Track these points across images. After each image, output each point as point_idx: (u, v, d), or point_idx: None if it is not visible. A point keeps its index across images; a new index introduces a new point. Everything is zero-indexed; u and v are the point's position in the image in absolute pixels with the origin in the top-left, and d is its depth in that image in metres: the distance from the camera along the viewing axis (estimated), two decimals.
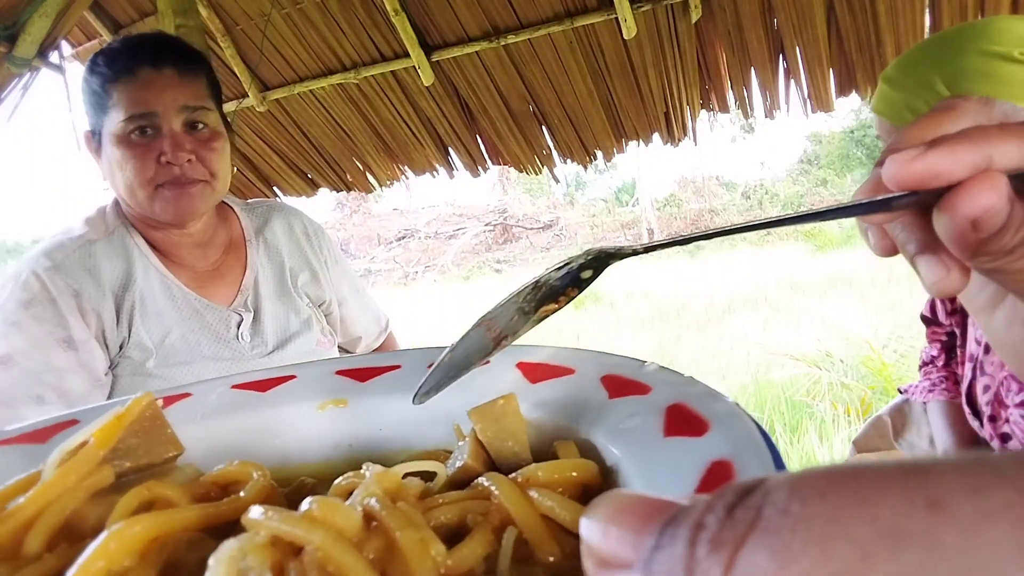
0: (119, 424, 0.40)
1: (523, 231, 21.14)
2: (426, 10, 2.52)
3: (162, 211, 1.07)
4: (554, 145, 2.75)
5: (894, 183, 0.33)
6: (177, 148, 1.04)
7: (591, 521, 0.17)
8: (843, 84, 2.27)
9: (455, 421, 0.45)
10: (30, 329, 1.01)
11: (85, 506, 0.36)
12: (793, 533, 0.13)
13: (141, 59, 1.05)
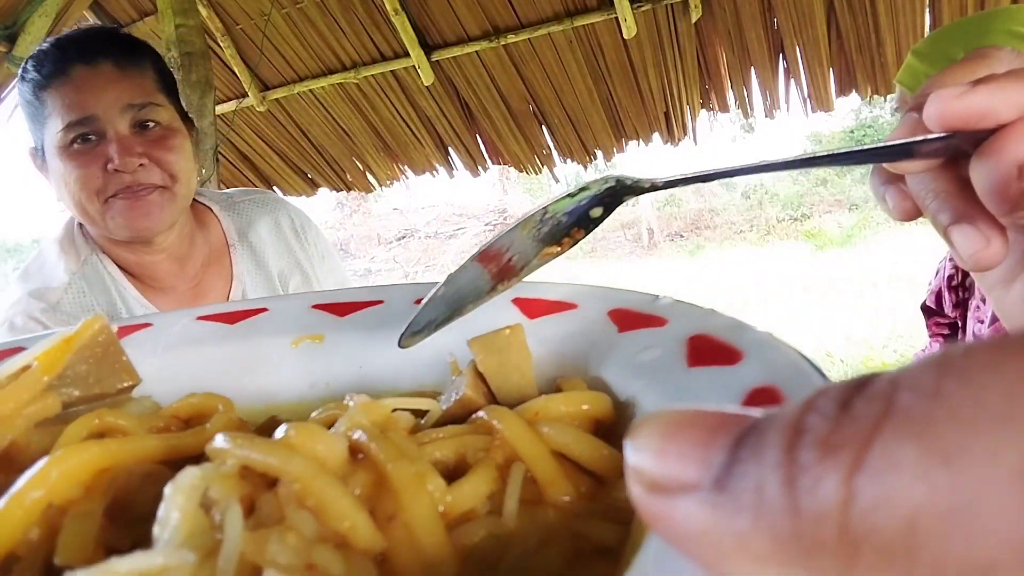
0: (67, 347, 0.35)
1: None
2: (426, 10, 2.52)
3: (118, 227, 0.93)
4: (554, 145, 2.75)
5: (938, 122, 0.30)
6: (125, 153, 0.90)
7: (640, 440, 0.14)
8: (843, 84, 2.27)
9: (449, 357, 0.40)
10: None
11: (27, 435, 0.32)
12: (955, 418, 0.10)
13: (71, 57, 0.91)
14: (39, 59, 0.94)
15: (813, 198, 19.22)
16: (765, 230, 17.45)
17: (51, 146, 0.92)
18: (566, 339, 0.38)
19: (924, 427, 0.10)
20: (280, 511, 0.23)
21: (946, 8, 2.01)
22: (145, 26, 2.83)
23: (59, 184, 0.94)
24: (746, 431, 0.12)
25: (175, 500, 0.23)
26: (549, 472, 0.29)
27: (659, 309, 0.35)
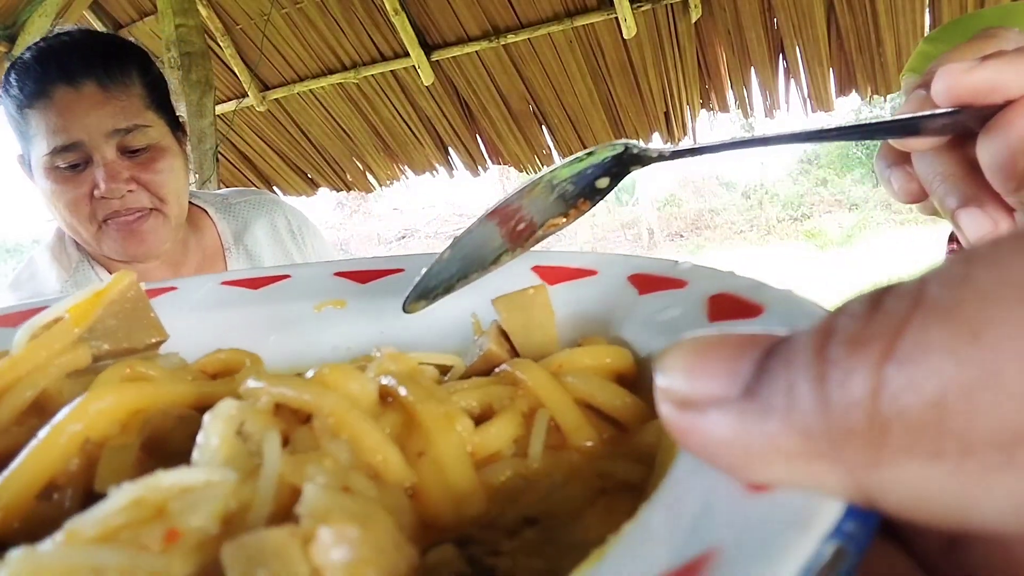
0: (97, 301, 0.36)
1: None
2: (426, 10, 2.52)
3: (112, 251, 0.92)
4: (554, 145, 2.75)
5: (946, 96, 0.30)
6: (112, 179, 0.87)
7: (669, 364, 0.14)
8: (843, 84, 2.27)
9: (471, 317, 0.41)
10: None
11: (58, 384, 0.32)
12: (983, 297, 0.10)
13: (53, 76, 0.87)
14: (20, 74, 0.90)
15: (813, 198, 19.22)
16: (765, 230, 17.46)
17: (38, 165, 0.89)
18: (586, 302, 0.38)
19: (953, 310, 0.10)
20: (315, 441, 0.25)
21: (946, 8, 2.01)
22: (145, 26, 2.83)
23: (48, 201, 0.92)
24: (776, 343, 0.13)
25: (214, 426, 0.24)
26: (573, 418, 0.29)
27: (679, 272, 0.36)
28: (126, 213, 0.89)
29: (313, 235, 1.18)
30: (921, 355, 0.10)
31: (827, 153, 22.07)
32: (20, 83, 0.89)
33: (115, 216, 0.89)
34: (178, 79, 2.17)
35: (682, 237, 19.24)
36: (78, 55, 0.89)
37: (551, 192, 0.37)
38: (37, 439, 0.26)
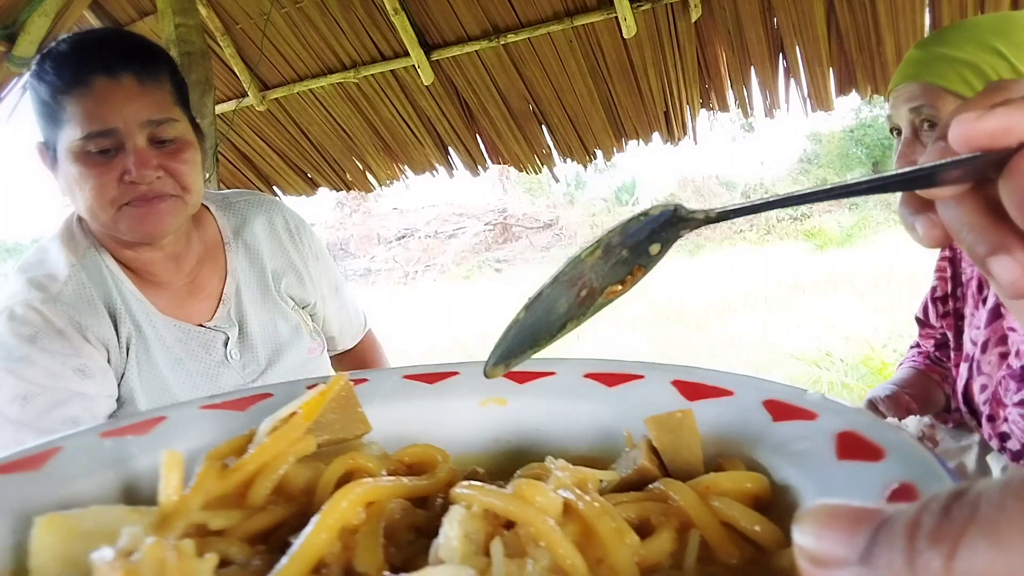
0: (322, 400, 0.45)
1: (523, 231, 21.12)
2: (426, 9, 2.51)
3: (129, 230, 0.96)
4: (554, 144, 2.75)
5: (963, 142, 0.31)
6: (142, 166, 0.92)
7: (803, 526, 0.20)
8: (843, 83, 2.27)
9: (624, 428, 0.47)
10: (41, 361, 0.93)
11: (294, 469, 0.42)
12: (1011, 524, 0.16)
13: (94, 66, 0.92)
14: (58, 62, 0.94)
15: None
16: (765, 230, 17.45)
17: (66, 149, 0.94)
18: (725, 423, 0.44)
19: (992, 528, 0.16)
20: (521, 547, 0.32)
21: (946, 8, 2.01)
22: (145, 25, 2.83)
23: (70, 185, 0.96)
24: (882, 523, 0.18)
25: (451, 529, 0.32)
26: (719, 538, 0.35)
27: (809, 403, 0.41)
28: (151, 195, 0.95)
29: (310, 236, 1.22)
30: (973, 557, 0.16)
31: (827, 153, 22.07)
32: (57, 70, 0.93)
33: (140, 198, 0.94)
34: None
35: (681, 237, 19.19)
36: (117, 49, 0.95)
37: (608, 259, 0.39)
38: (310, 528, 0.34)
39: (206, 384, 1.06)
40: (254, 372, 1.12)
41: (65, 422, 0.93)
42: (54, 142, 0.96)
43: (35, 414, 0.93)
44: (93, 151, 0.92)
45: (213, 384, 1.07)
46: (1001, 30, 0.98)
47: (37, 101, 0.96)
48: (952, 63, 0.99)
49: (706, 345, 5.86)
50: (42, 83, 0.95)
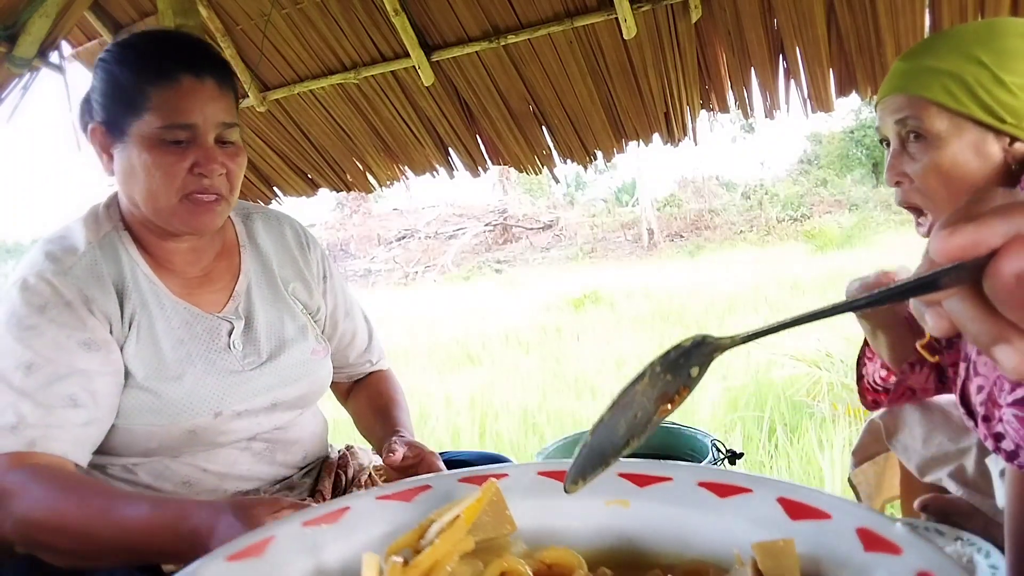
0: (480, 504, 0.54)
1: (523, 231, 21.14)
2: (426, 10, 2.52)
3: (181, 222, 1.05)
4: (554, 145, 2.75)
5: (941, 255, 0.37)
6: (212, 161, 1.02)
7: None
8: (843, 84, 2.27)
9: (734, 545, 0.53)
10: (48, 332, 0.98)
11: (457, 566, 0.51)
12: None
13: (182, 64, 1.02)
14: (143, 52, 1.03)
15: (813, 198, 19.23)
16: (765, 231, 17.47)
17: (141, 134, 1.01)
18: (821, 547, 0.49)
19: None
20: None
21: (946, 8, 2.01)
22: (145, 26, 2.83)
23: (133, 167, 1.02)
24: None
25: None
26: None
27: (897, 537, 0.46)
28: (210, 192, 1.04)
29: (319, 254, 1.30)
30: None
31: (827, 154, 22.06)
32: (142, 61, 1.02)
33: (201, 192, 1.03)
34: None
35: (682, 237, 19.22)
36: (202, 54, 1.06)
37: (655, 384, 0.45)
38: None
39: (203, 366, 1.09)
40: (253, 363, 1.14)
41: (63, 399, 0.97)
42: (124, 125, 1.02)
43: (37, 385, 0.96)
44: (168, 140, 1.00)
45: (211, 367, 1.09)
46: (983, 40, 0.99)
47: (113, 85, 1.03)
48: (935, 74, 1.00)
49: None
50: (124, 69, 1.02)
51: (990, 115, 0.98)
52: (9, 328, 0.98)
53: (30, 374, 0.96)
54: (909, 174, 1.04)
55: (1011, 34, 0.98)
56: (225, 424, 1.09)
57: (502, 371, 5.99)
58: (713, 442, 1.34)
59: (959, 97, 0.98)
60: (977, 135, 0.99)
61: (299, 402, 1.20)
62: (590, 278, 11.79)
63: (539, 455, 1.43)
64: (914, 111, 1.02)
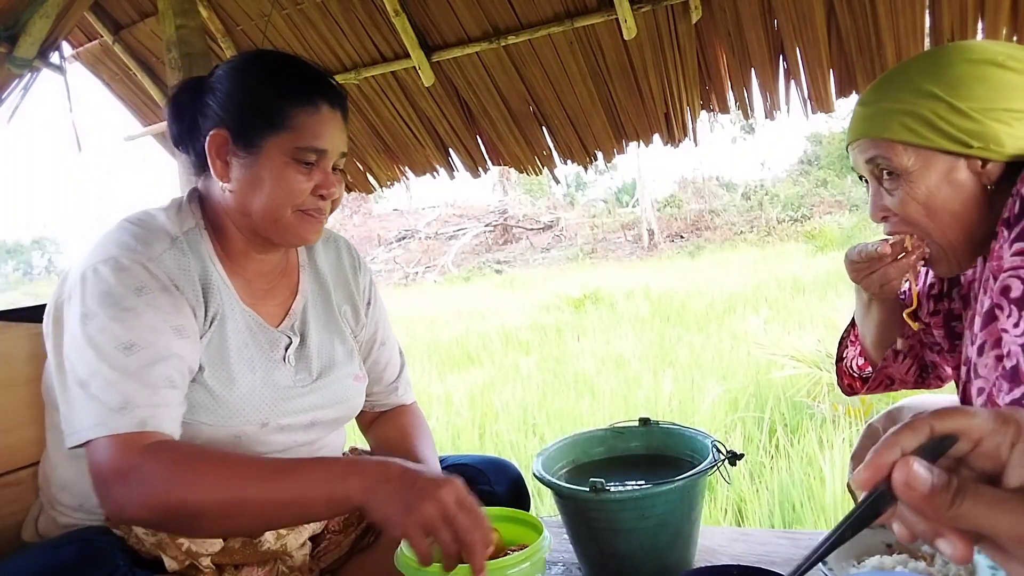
0: None
1: (523, 231, 21.14)
2: (426, 11, 2.52)
3: (292, 234, 1.11)
4: (554, 145, 2.75)
5: (861, 487, 0.50)
6: (332, 185, 1.11)
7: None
8: (843, 85, 2.27)
9: None
10: (146, 315, 1.00)
11: None
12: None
13: (323, 93, 1.09)
14: (285, 73, 1.10)
15: (813, 199, 19.22)
16: (765, 231, 17.47)
17: (278, 149, 1.06)
18: None
19: None
20: None
21: (946, 9, 2.01)
22: (146, 27, 2.84)
23: (258, 176, 1.07)
24: None
25: None
26: None
27: None
28: (320, 213, 1.12)
29: (368, 279, 1.36)
30: None
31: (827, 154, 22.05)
32: (288, 83, 1.08)
33: (316, 211, 1.11)
34: (179, 80, 2.17)
35: (682, 238, 19.22)
36: (334, 86, 1.13)
37: None
38: None
39: (261, 375, 1.13)
40: (305, 380, 1.18)
41: (164, 379, 0.99)
42: (257, 138, 1.07)
43: (139, 365, 0.98)
44: (300, 160, 1.07)
45: (267, 377, 1.13)
46: (931, 72, 1.01)
47: (252, 98, 1.08)
48: (893, 115, 1.03)
49: (706, 345, 5.86)
50: (268, 87, 1.07)
51: (955, 143, 0.99)
52: (105, 307, 0.99)
53: (131, 354, 0.97)
54: (891, 209, 1.07)
55: (957, 61, 1.00)
56: (267, 435, 1.12)
57: (502, 371, 5.99)
58: (713, 443, 1.34)
59: (921, 132, 1.00)
60: (947, 164, 1.01)
61: (334, 424, 1.24)
62: (590, 278, 11.79)
63: (539, 456, 1.42)
64: (881, 152, 1.04)
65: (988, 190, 1.01)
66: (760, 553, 1.46)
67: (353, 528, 1.27)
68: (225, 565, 1.08)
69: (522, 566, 0.95)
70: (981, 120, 0.97)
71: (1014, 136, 0.97)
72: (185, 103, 1.13)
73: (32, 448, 1.24)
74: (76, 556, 0.92)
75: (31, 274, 34.75)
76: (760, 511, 2.81)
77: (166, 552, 1.02)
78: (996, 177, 1.01)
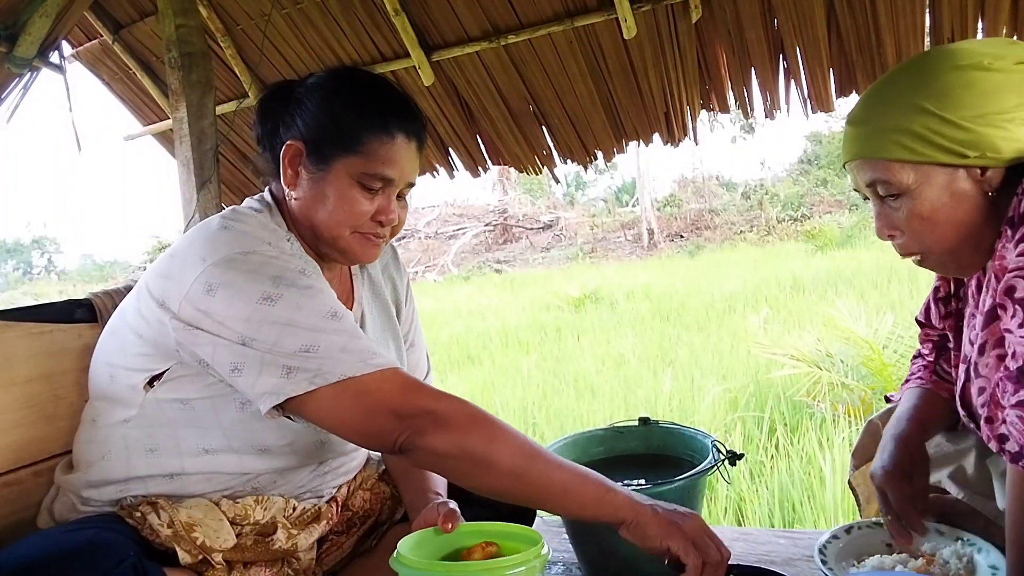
0: None
1: (523, 231, 21.14)
2: (426, 10, 2.52)
3: (347, 251, 1.13)
4: (554, 145, 2.75)
5: None
6: (391, 213, 1.13)
7: None
8: (843, 84, 2.27)
9: None
10: (325, 291, 1.05)
11: None
12: None
13: (400, 124, 1.11)
14: (368, 98, 1.12)
15: (813, 198, 19.22)
16: (765, 230, 17.46)
17: (343, 169, 1.09)
18: None
19: None
20: None
21: (946, 8, 2.01)
22: (146, 26, 2.83)
23: (322, 194, 1.10)
24: None
25: None
26: None
27: None
28: (379, 236, 1.14)
29: (406, 275, 1.40)
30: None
31: (827, 154, 22.03)
32: (368, 109, 1.11)
33: (374, 234, 1.13)
34: (178, 79, 2.17)
35: (682, 237, 19.22)
36: (416, 119, 1.15)
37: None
38: None
39: None
40: None
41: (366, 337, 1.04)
42: (329, 156, 1.09)
43: (353, 327, 1.02)
44: (365, 185, 1.09)
45: None
46: (919, 85, 1.00)
47: (332, 117, 1.10)
48: (886, 133, 1.01)
49: (706, 345, 5.86)
50: (349, 111, 1.10)
51: (952, 155, 0.98)
52: (285, 286, 1.00)
53: (340, 320, 1.01)
54: (898, 226, 1.06)
55: (943, 70, 0.99)
56: (341, 445, 1.19)
57: (502, 371, 5.99)
58: (713, 443, 1.34)
59: (916, 149, 0.99)
60: (946, 176, 1.00)
61: None
62: (590, 278, 11.79)
63: None
64: (879, 173, 1.03)
65: (991, 196, 1.00)
66: (760, 553, 1.46)
67: (356, 530, 1.28)
68: (235, 563, 1.08)
69: (517, 570, 0.95)
70: (974, 129, 0.96)
71: (1010, 139, 0.96)
72: (271, 108, 1.17)
73: (32, 448, 1.24)
74: (86, 543, 0.92)
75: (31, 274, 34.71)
76: (760, 511, 2.82)
77: (180, 545, 1.02)
78: (997, 183, 1.00)
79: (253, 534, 1.11)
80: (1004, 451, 0.95)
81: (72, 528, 1.01)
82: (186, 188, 2.23)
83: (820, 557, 1.17)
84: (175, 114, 2.21)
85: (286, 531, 1.13)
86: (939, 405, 1.25)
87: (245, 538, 1.09)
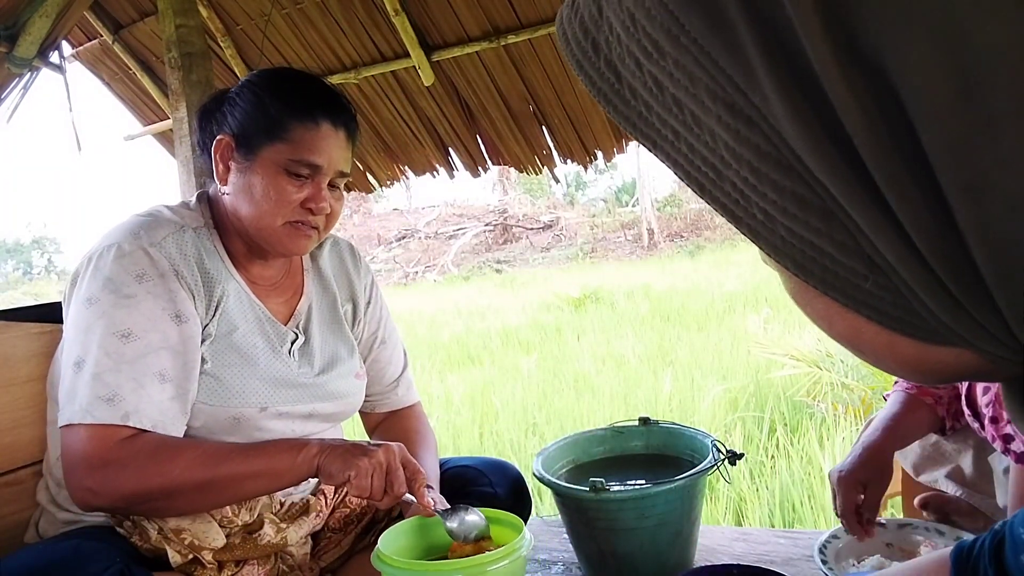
0: None
1: (523, 231, 21.14)
2: (426, 10, 2.52)
3: (277, 244, 1.13)
4: (554, 145, 2.75)
5: None
6: (321, 200, 1.12)
7: None
8: None
9: None
10: (145, 303, 1.04)
11: None
12: None
13: (326, 110, 1.12)
14: (293, 88, 1.12)
15: None
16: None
17: (272, 159, 1.10)
18: None
19: None
20: None
21: None
22: (146, 26, 2.84)
23: (250, 185, 1.11)
24: None
25: None
26: None
27: None
28: (309, 225, 1.13)
29: (368, 275, 1.39)
30: None
31: None
32: (290, 96, 1.11)
33: (303, 223, 1.12)
34: (178, 79, 2.17)
35: (682, 238, 19.23)
36: (341, 106, 1.15)
37: None
38: None
39: (264, 362, 1.17)
40: (307, 375, 1.22)
41: (154, 375, 1.03)
42: (256, 147, 1.10)
43: (133, 355, 1.02)
44: (292, 172, 1.10)
45: (269, 366, 1.17)
46: None
47: (259, 109, 1.11)
48: None
49: (706, 345, 5.86)
50: (275, 100, 1.11)
51: None
52: (105, 292, 1.03)
53: (127, 343, 1.02)
54: None
55: None
56: (266, 421, 1.15)
57: (502, 371, 5.99)
58: (713, 442, 1.34)
59: None
60: None
61: (332, 417, 1.27)
62: (590, 278, 11.80)
63: (539, 455, 1.42)
64: None
65: None
66: (760, 553, 1.46)
67: (353, 527, 1.28)
68: (226, 562, 1.08)
69: (500, 564, 0.94)
70: None
71: None
72: (209, 111, 1.18)
73: (32, 448, 1.24)
74: (71, 553, 0.93)
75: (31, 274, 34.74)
76: (760, 510, 2.81)
77: (170, 545, 1.03)
78: None
79: (242, 532, 1.11)
80: (1009, 451, 0.95)
81: (56, 539, 1.02)
82: (186, 188, 2.24)
83: (820, 557, 1.17)
84: (175, 114, 2.21)
85: (274, 525, 1.13)
86: (919, 412, 1.25)
87: (233, 536, 1.10)
